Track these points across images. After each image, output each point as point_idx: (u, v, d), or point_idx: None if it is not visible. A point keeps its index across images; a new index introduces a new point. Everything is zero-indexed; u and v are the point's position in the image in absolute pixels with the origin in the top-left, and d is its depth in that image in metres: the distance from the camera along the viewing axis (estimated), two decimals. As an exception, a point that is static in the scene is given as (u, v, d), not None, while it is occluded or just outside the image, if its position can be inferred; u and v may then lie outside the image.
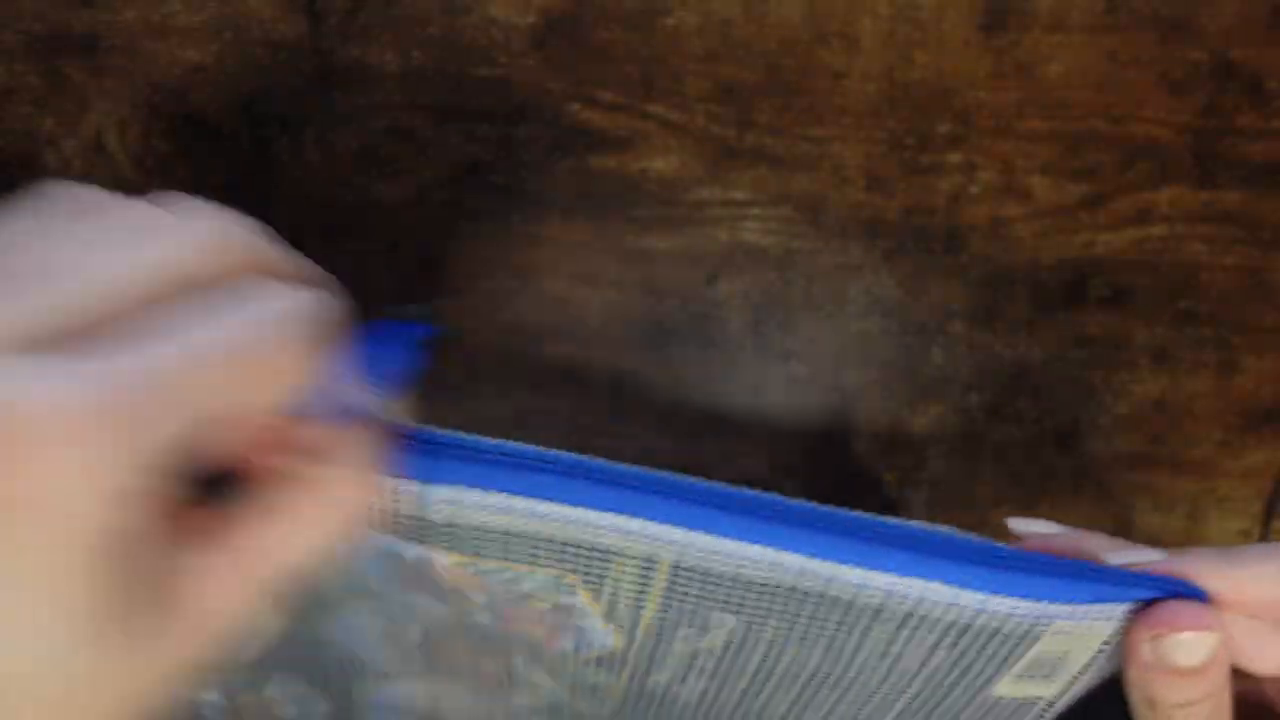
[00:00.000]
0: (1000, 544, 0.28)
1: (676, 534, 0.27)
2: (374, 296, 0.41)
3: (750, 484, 0.44)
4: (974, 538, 0.28)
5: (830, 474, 0.43)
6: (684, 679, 0.32)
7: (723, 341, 0.42)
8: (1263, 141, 0.40)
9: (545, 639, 0.32)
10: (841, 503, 0.44)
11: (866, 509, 0.44)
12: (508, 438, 0.44)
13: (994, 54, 0.39)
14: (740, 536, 0.27)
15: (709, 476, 0.43)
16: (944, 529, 0.28)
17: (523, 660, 0.33)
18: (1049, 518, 0.44)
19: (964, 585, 0.27)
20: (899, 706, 0.31)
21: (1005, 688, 0.30)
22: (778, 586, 0.27)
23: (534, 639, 0.32)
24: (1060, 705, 0.31)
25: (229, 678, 0.36)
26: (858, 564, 0.27)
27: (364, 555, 0.30)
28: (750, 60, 0.39)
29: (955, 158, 0.40)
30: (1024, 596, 0.27)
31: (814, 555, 0.27)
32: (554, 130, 0.40)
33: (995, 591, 0.27)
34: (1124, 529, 0.44)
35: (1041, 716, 0.31)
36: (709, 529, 0.27)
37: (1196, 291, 0.42)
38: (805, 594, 0.27)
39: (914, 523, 0.28)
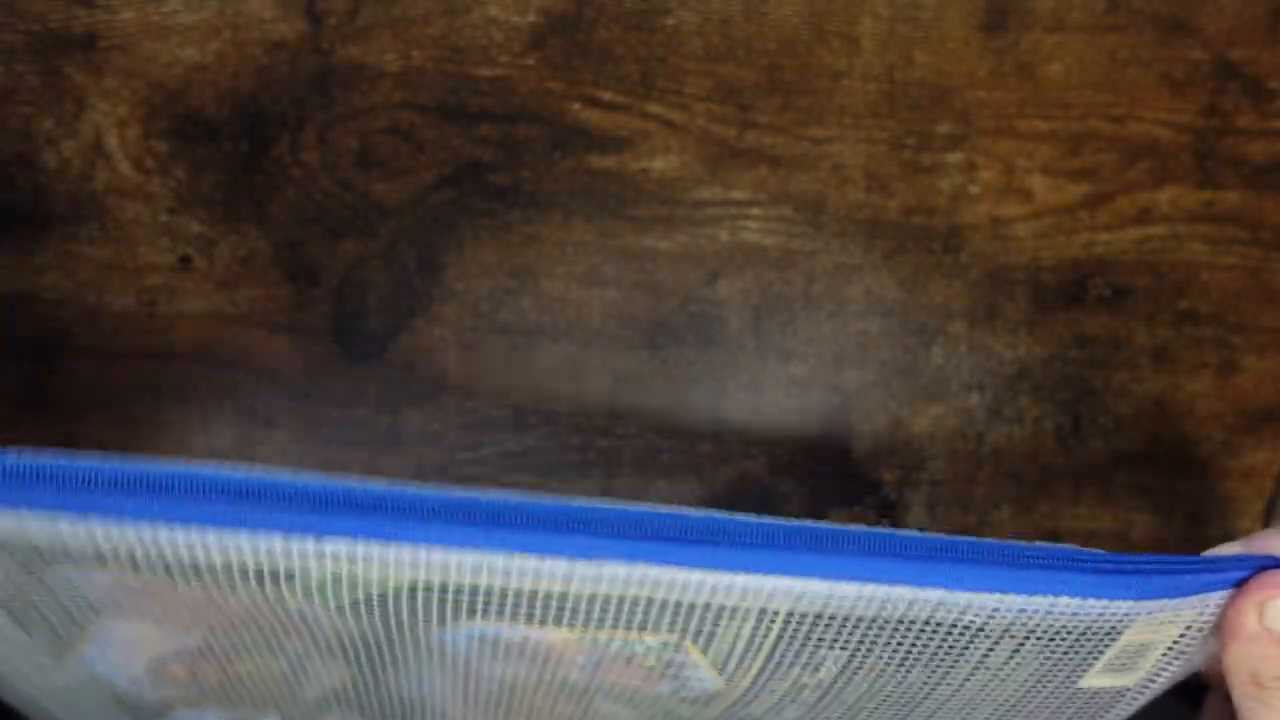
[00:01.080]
0: (1089, 549, 0.29)
1: (793, 585, 0.27)
2: (373, 299, 0.41)
3: (750, 484, 0.44)
4: (1063, 547, 0.29)
5: (830, 474, 0.43)
6: (780, 710, 0.33)
7: (723, 341, 0.42)
8: (1263, 141, 0.40)
9: (639, 687, 0.32)
10: (842, 502, 0.44)
11: (866, 508, 0.44)
12: (507, 437, 0.44)
13: (994, 54, 0.39)
14: (854, 578, 0.27)
15: (709, 477, 0.43)
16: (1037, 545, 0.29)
17: (606, 701, 0.33)
18: (1049, 518, 0.44)
19: (1060, 593, 0.28)
20: (990, 707, 0.32)
21: (1092, 679, 0.31)
22: (886, 620, 0.28)
23: (626, 687, 0.32)
24: (1149, 694, 0.32)
25: (288, 709, 0.35)
26: (965, 588, 0.27)
27: (451, 638, 0.29)
28: (750, 60, 0.39)
29: (955, 158, 0.40)
30: (1115, 597, 0.28)
31: (924, 585, 0.27)
32: (554, 130, 0.40)
33: (1089, 595, 0.27)
34: (1124, 529, 0.44)
35: (1131, 705, 0.32)
36: (823, 574, 0.27)
37: (1196, 291, 0.42)
38: (912, 622, 0.28)
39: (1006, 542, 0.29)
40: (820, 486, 0.43)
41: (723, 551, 0.26)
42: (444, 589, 0.26)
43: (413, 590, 0.26)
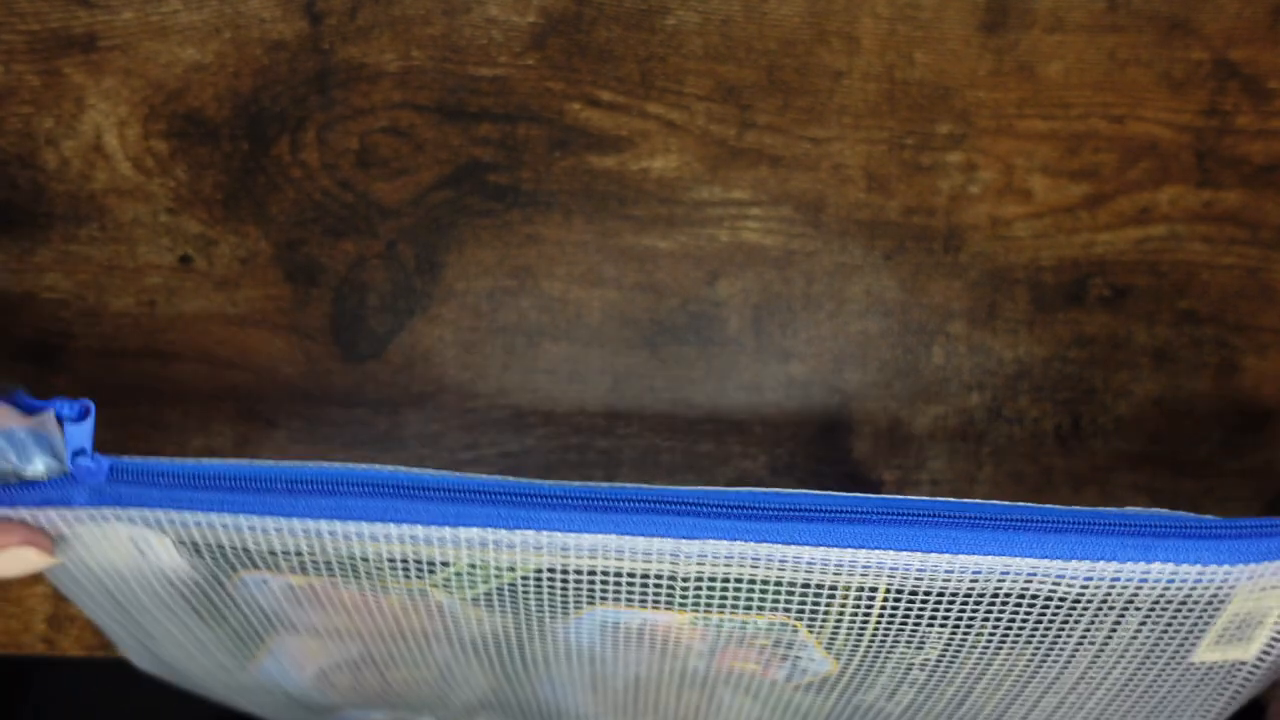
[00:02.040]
0: (1179, 513, 0.29)
1: (889, 557, 0.28)
2: (373, 299, 0.41)
3: (749, 484, 0.44)
4: (1155, 511, 0.29)
5: (830, 474, 0.43)
6: (893, 694, 0.33)
7: (723, 341, 0.42)
8: (1263, 141, 0.40)
9: (758, 672, 0.32)
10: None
11: (866, 509, 0.44)
12: (507, 437, 0.44)
13: (994, 54, 0.39)
14: (943, 549, 0.28)
15: (709, 477, 0.43)
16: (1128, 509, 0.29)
17: (729, 691, 0.34)
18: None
19: (1152, 559, 0.28)
20: (1104, 687, 0.32)
21: (1204, 654, 0.31)
22: (981, 595, 0.29)
23: (746, 673, 0.33)
24: (1266, 669, 0.31)
25: (441, 712, 0.37)
26: (1054, 555, 0.28)
27: (581, 628, 0.31)
28: (750, 60, 0.39)
29: (955, 158, 0.40)
30: (1209, 562, 0.28)
31: (1014, 554, 0.28)
32: (554, 130, 0.40)
33: (1182, 560, 0.28)
34: (1124, 529, 0.44)
35: (1248, 680, 0.32)
36: (921, 547, 0.28)
37: (1196, 291, 0.42)
38: (1006, 596, 0.29)
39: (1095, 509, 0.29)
40: (820, 487, 0.43)
41: (818, 527, 0.28)
42: (564, 573, 0.28)
43: (538, 576, 0.28)
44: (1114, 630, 0.29)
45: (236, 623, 0.32)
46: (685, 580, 0.28)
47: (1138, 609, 0.29)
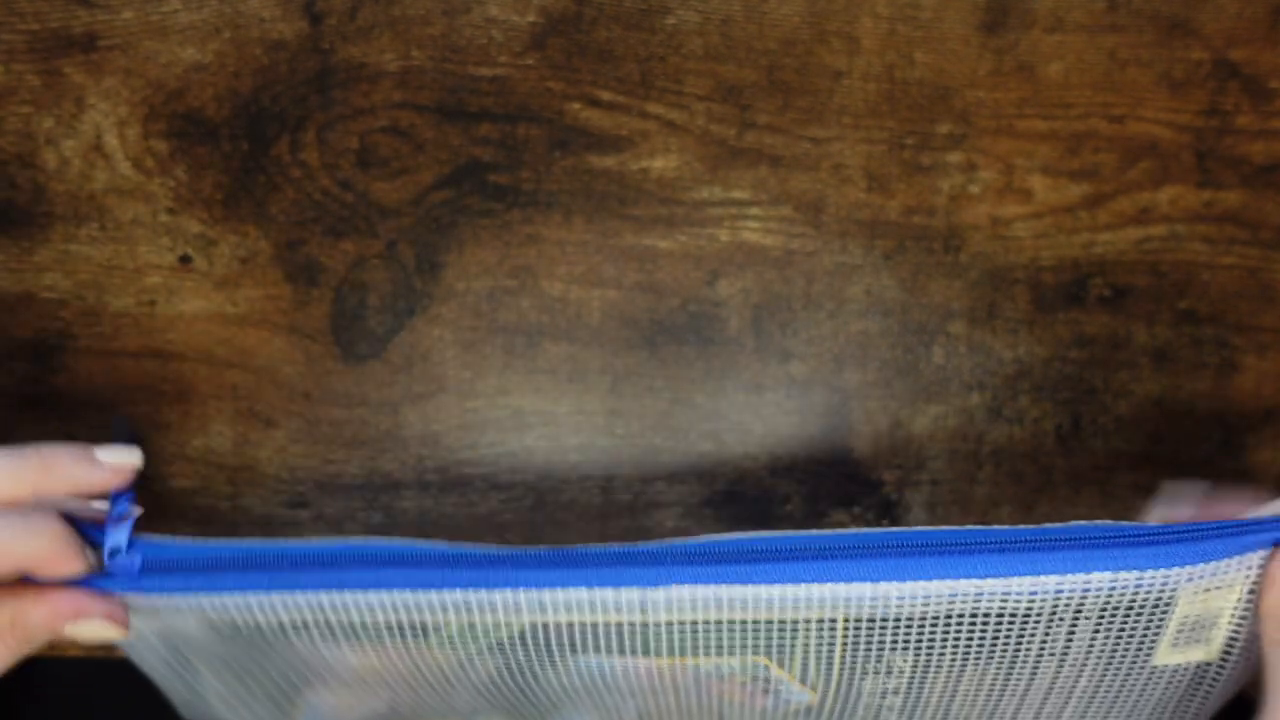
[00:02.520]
0: (1121, 523, 0.30)
1: (840, 590, 0.30)
2: (373, 299, 0.41)
3: (749, 484, 0.44)
4: (1098, 524, 0.30)
5: (830, 474, 0.43)
6: (878, 717, 0.35)
7: (723, 341, 0.42)
8: (1263, 141, 0.40)
9: (748, 701, 0.34)
10: (841, 503, 0.44)
11: (866, 509, 0.44)
12: (507, 437, 0.44)
13: (994, 54, 0.39)
14: (895, 577, 0.30)
15: (708, 476, 0.43)
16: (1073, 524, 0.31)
17: (732, 712, 0.36)
18: (1049, 518, 0.44)
19: (1091, 569, 0.29)
20: (1075, 695, 0.33)
21: (1166, 657, 0.32)
22: (937, 617, 0.30)
23: (738, 701, 0.35)
24: (1232, 666, 0.32)
25: None
26: (997, 574, 0.29)
27: (572, 674, 0.33)
28: (750, 60, 0.39)
29: (955, 158, 0.40)
30: (1147, 567, 0.29)
31: (958, 577, 0.30)
32: (554, 130, 0.40)
33: (1120, 568, 0.29)
34: (1124, 529, 0.44)
35: (1215, 681, 0.32)
36: (869, 577, 0.30)
37: (1196, 291, 0.42)
38: (961, 616, 0.30)
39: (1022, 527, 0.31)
40: (820, 486, 0.43)
41: (771, 566, 0.30)
42: (546, 628, 0.31)
43: (523, 633, 0.31)
44: (1070, 638, 0.31)
45: (270, 687, 0.34)
46: (657, 627, 0.31)
47: (1087, 617, 0.30)
